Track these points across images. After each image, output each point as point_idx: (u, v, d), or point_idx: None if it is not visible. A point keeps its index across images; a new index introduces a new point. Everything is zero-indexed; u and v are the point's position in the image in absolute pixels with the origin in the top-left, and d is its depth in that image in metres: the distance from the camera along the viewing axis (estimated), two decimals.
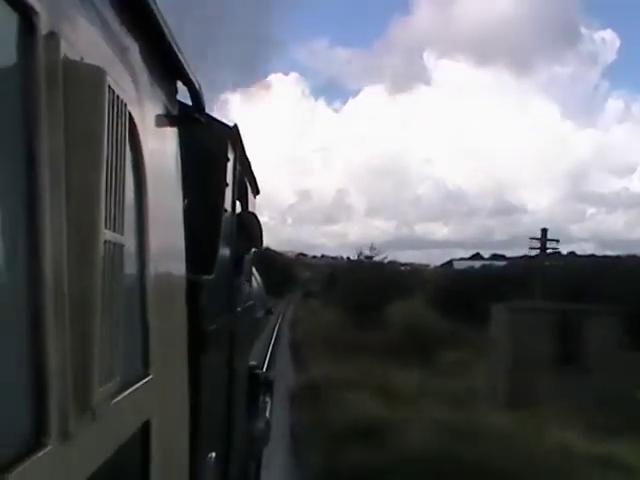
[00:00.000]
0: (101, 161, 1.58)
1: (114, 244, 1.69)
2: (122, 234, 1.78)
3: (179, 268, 3.03)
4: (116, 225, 1.72)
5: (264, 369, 15.65)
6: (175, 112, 3.08)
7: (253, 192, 7.41)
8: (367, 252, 59.73)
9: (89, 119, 1.57)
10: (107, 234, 1.64)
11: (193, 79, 3.06)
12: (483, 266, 71.66)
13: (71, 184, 1.50)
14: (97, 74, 1.60)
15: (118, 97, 1.71)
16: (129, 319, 2.01)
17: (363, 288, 50.87)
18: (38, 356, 1.38)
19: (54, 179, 1.44)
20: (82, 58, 1.61)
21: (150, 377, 2.28)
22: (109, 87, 1.62)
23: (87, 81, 1.56)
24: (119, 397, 1.87)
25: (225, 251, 4.77)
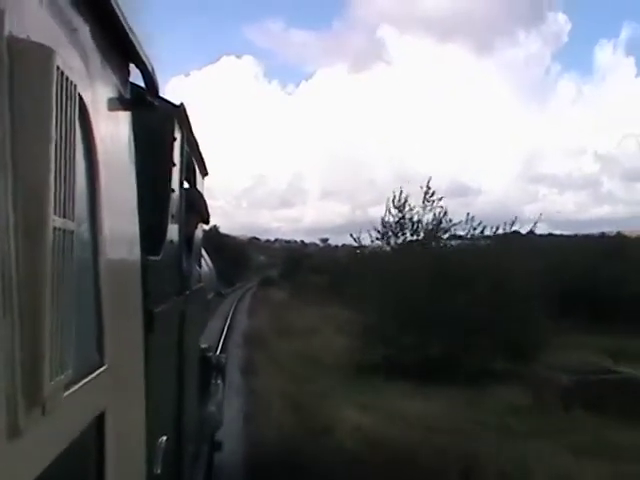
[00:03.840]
0: (49, 145, 1.52)
1: (64, 231, 1.63)
2: (73, 220, 1.71)
3: (133, 254, 2.96)
4: (66, 211, 1.65)
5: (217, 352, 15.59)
6: (128, 95, 3.00)
7: (201, 173, 7.39)
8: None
9: (36, 101, 1.49)
10: (57, 221, 1.57)
11: (146, 62, 2.98)
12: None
13: (17, 169, 1.43)
14: (45, 53, 1.52)
15: (67, 78, 1.64)
16: (82, 308, 1.95)
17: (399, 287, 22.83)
18: None
19: None
20: (29, 37, 1.54)
21: (105, 367, 2.23)
22: (57, 68, 1.55)
23: (34, 60, 1.49)
24: (72, 389, 1.82)
25: (173, 231, 4.72)
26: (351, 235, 28.42)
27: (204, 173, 7.72)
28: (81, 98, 1.89)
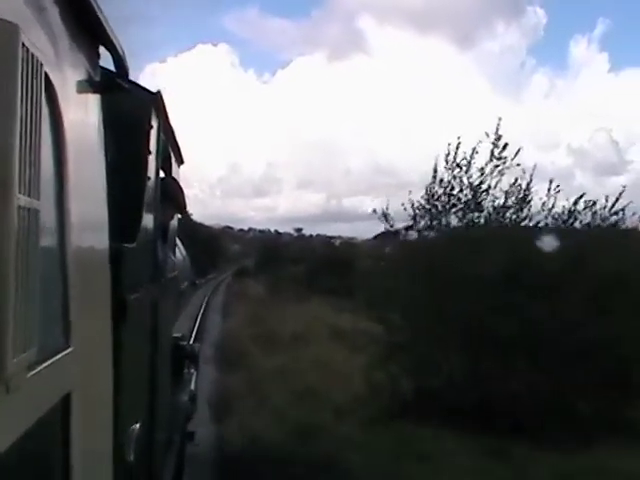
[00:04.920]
0: (14, 121, 1.51)
1: (29, 210, 1.63)
2: (38, 199, 1.71)
3: (101, 236, 2.95)
4: (31, 190, 1.65)
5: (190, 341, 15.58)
6: (97, 77, 2.98)
7: (177, 161, 7.38)
8: None
9: (0, 76, 1.49)
10: (21, 199, 1.57)
11: (116, 44, 2.97)
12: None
13: None
14: (10, 29, 1.52)
15: (33, 56, 1.63)
16: (47, 289, 1.94)
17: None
18: None
19: None
20: None
21: (71, 349, 2.22)
22: (23, 44, 1.55)
23: None
24: (37, 369, 1.81)
25: (148, 220, 4.71)
26: (374, 211, 17.42)
27: (180, 162, 7.71)
28: (48, 77, 1.88)
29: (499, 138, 16.09)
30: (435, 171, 16.59)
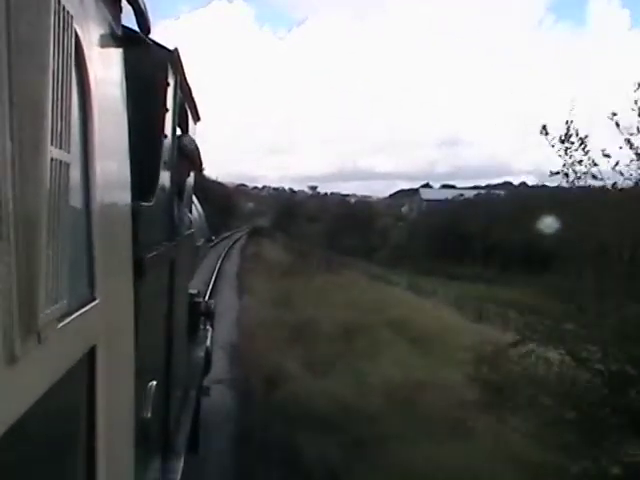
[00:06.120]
0: (47, 71, 1.50)
1: (60, 162, 1.63)
2: (68, 152, 1.70)
3: (124, 191, 2.96)
4: (62, 143, 1.64)
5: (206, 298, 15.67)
6: (119, 32, 2.96)
7: (194, 119, 7.37)
8: None
9: (33, 27, 1.47)
10: (53, 151, 1.57)
11: None
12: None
13: (15, 95, 1.41)
14: None
15: (64, 8, 1.62)
16: (75, 241, 1.95)
17: None
18: None
19: None
20: None
21: (96, 302, 2.24)
22: None
23: None
24: (66, 321, 1.83)
25: (165, 178, 4.72)
26: (545, 130, 9.09)
27: (197, 119, 7.69)
28: (75, 29, 1.86)
29: None
30: None
